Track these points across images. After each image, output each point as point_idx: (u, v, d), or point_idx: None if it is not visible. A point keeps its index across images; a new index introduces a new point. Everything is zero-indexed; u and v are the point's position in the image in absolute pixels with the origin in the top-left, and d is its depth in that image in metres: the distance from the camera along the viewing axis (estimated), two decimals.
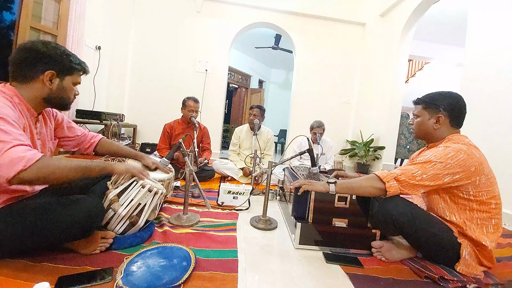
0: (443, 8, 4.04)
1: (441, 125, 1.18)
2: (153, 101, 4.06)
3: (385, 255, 1.18)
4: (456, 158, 1.04)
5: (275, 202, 2.02)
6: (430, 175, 1.05)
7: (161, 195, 1.21)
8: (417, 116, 1.24)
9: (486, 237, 1.06)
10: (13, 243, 0.85)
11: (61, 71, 0.96)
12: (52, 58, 0.93)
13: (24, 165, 0.76)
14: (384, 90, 3.95)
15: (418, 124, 1.24)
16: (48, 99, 0.97)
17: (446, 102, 1.17)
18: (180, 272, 0.91)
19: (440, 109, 1.17)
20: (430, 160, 1.07)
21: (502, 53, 2.12)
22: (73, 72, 1.00)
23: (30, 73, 0.92)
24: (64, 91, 0.99)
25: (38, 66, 0.92)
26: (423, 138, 1.26)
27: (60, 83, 0.97)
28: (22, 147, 0.78)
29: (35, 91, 0.94)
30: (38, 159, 0.80)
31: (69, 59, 0.98)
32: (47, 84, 0.94)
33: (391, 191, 1.09)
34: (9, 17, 3.46)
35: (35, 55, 0.91)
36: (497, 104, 2.11)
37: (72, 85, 1.02)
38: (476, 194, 1.07)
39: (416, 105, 1.26)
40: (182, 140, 1.42)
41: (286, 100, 6.46)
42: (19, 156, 0.76)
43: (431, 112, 1.20)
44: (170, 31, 4.01)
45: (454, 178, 1.04)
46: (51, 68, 0.93)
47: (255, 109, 2.65)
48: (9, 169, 0.75)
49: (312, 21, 4.25)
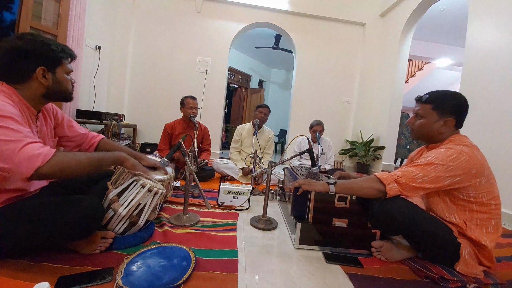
0: (443, 8, 4.04)
1: (448, 129, 1.13)
2: (153, 101, 4.06)
3: (385, 255, 1.19)
4: (458, 161, 1.01)
5: (275, 202, 2.02)
6: (431, 178, 1.03)
7: (161, 195, 1.21)
8: (422, 116, 1.15)
9: (485, 237, 1.06)
10: (13, 243, 0.85)
11: (50, 64, 0.93)
12: (36, 53, 0.90)
13: (42, 161, 0.79)
14: (384, 90, 3.95)
15: (422, 125, 1.16)
16: (47, 95, 0.96)
17: (455, 104, 1.11)
18: (180, 272, 0.91)
19: (450, 112, 1.11)
20: (432, 162, 1.04)
21: (502, 53, 2.12)
22: (62, 61, 0.97)
23: (22, 74, 0.90)
24: (61, 84, 0.98)
25: (26, 65, 0.89)
26: (423, 139, 1.21)
27: (54, 77, 0.95)
28: (36, 144, 0.81)
29: (33, 90, 0.93)
30: (54, 154, 0.82)
31: (52, 50, 0.93)
32: (42, 81, 0.92)
33: (391, 194, 1.09)
34: (9, 17, 3.47)
35: (19, 54, 0.88)
36: (497, 104, 2.11)
37: (66, 75, 0.99)
38: (476, 196, 1.06)
39: (422, 104, 1.16)
40: (182, 140, 1.42)
41: (286, 100, 6.46)
42: (35, 153, 0.79)
43: (439, 114, 1.12)
44: (170, 31, 4.01)
45: (455, 180, 1.03)
46: (40, 64, 0.90)
47: (264, 108, 2.68)
48: (28, 166, 0.78)
49: (312, 21, 4.25)
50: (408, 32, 3.70)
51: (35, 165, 0.78)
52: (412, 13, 3.47)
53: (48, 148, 0.83)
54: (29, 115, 0.94)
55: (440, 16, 4.29)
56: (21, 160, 0.77)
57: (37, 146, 0.81)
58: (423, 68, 7.08)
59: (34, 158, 0.78)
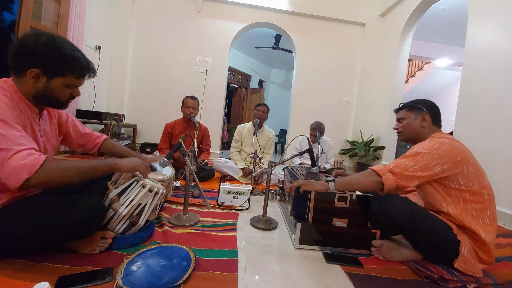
0: (443, 8, 4.04)
1: (427, 124, 1.25)
2: (153, 101, 4.06)
3: (384, 254, 1.19)
4: (441, 149, 1.09)
5: (275, 202, 2.02)
6: (421, 166, 1.09)
7: (161, 195, 1.21)
8: (403, 118, 1.32)
9: (481, 229, 1.07)
10: (15, 243, 0.85)
11: (49, 71, 0.88)
12: (40, 56, 0.85)
13: (28, 173, 0.76)
14: (384, 90, 3.95)
15: (405, 125, 1.30)
16: (36, 97, 0.92)
17: (426, 104, 1.28)
18: (180, 272, 0.91)
19: (423, 109, 1.26)
20: (419, 152, 1.12)
21: (502, 53, 2.12)
22: (65, 73, 0.91)
23: (19, 68, 0.87)
24: (51, 92, 0.91)
25: (25, 62, 0.86)
26: (410, 139, 1.31)
27: (47, 83, 0.89)
28: (23, 153, 0.77)
29: (26, 87, 0.89)
30: (41, 164, 0.79)
31: (60, 59, 0.88)
32: (30, 82, 0.87)
33: (388, 183, 1.11)
34: (9, 17, 3.46)
35: (22, 50, 0.85)
36: (497, 104, 2.11)
37: (64, 86, 0.92)
38: (467, 184, 1.10)
39: (399, 111, 1.35)
40: (182, 140, 1.42)
41: (286, 100, 6.45)
42: (20, 164, 0.76)
43: (415, 113, 1.28)
44: (170, 31, 4.01)
45: (443, 168, 1.08)
46: (36, 66, 0.86)
47: (262, 106, 2.67)
48: (15, 179, 0.76)
49: (312, 21, 4.25)
50: (408, 32, 3.70)
51: (21, 177, 0.76)
52: (412, 13, 3.47)
53: (35, 157, 0.79)
54: (31, 114, 0.93)
55: (440, 16, 4.29)
56: (8, 171, 0.75)
57: (23, 155, 0.76)
58: (423, 68, 7.07)
59: (19, 169, 0.75)
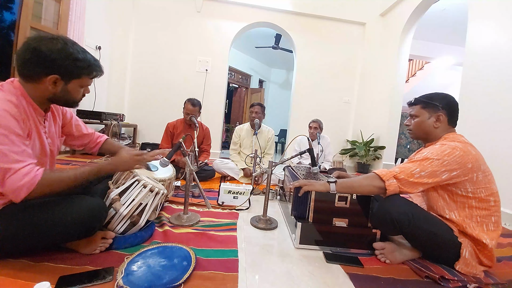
0: (443, 8, 4.03)
1: (441, 124, 1.18)
2: (153, 101, 4.06)
3: (388, 256, 1.17)
4: (452, 155, 1.05)
5: (275, 202, 2.02)
6: (428, 172, 1.06)
7: (162, 195, 1.21)
8: (416, 116, 1.23)
9: (486, 235, 1.06)
10: (16, 243, 0.86)
11: (67, 76, 0.91)
12: (57, 63, 0.87)
13: (26, 192, 0.81)
14: (384, 90, 3.95)
15: (417, 123, 1.23)
16: (52, 99, 0.95)
17: (444, 101, 1.18)
18: (180, 271, 0.91)
19: (440, 108, 1.17)
20: (427, 157, 1.08)
21: (502, 53, 2.12)
22: (81, 76, 0.94)
23: (34, 75, 0.88)
24: (69, 94, 0.94)
25: (41, 69, 0.87)
26: (421, 138, 1.26)
27: (65, 86, 0.92)
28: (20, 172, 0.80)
29: (40, 91, 0.91)
30: (39, 181, 0.82)
31: (76, 64, 0.90)
32: (49, 87, 0.89)
33: (391, 189, 1.09)
34: (9, 17, 3.47)
35: (38, 58, 0.86)
36: (497, 104, 2.11)
37: (79, 87, 0.96)
38: (475, 191, 1.07)
39: (413, 106, 1.25)
40: (183, 140, 1.42)
41: (286, 100, 6.46)
42: (18, 185, 0.80)
43: (430, 111, 1.19)
44: (170, 31, 4.01)
45: (451, 175, 1.05)
46: (54, 73, 0.88)
47: (256, 107, 2.59)
48: (15, 197, 0.82)
49: (312, 21, 4.25)
50: (409, 31, 3.70)
51: (21, 195, 0.81)
52: (412, 13, 3.47)
53: (31, 177, 0.81)
54: (37, 117, 0.94)
55: (440, 16, 4.29)
56: (8, 190, 0.81)
57: (20, 176, 0.80)
58: (423, 68, 7.07)
59: (18, 190, 0.80)
